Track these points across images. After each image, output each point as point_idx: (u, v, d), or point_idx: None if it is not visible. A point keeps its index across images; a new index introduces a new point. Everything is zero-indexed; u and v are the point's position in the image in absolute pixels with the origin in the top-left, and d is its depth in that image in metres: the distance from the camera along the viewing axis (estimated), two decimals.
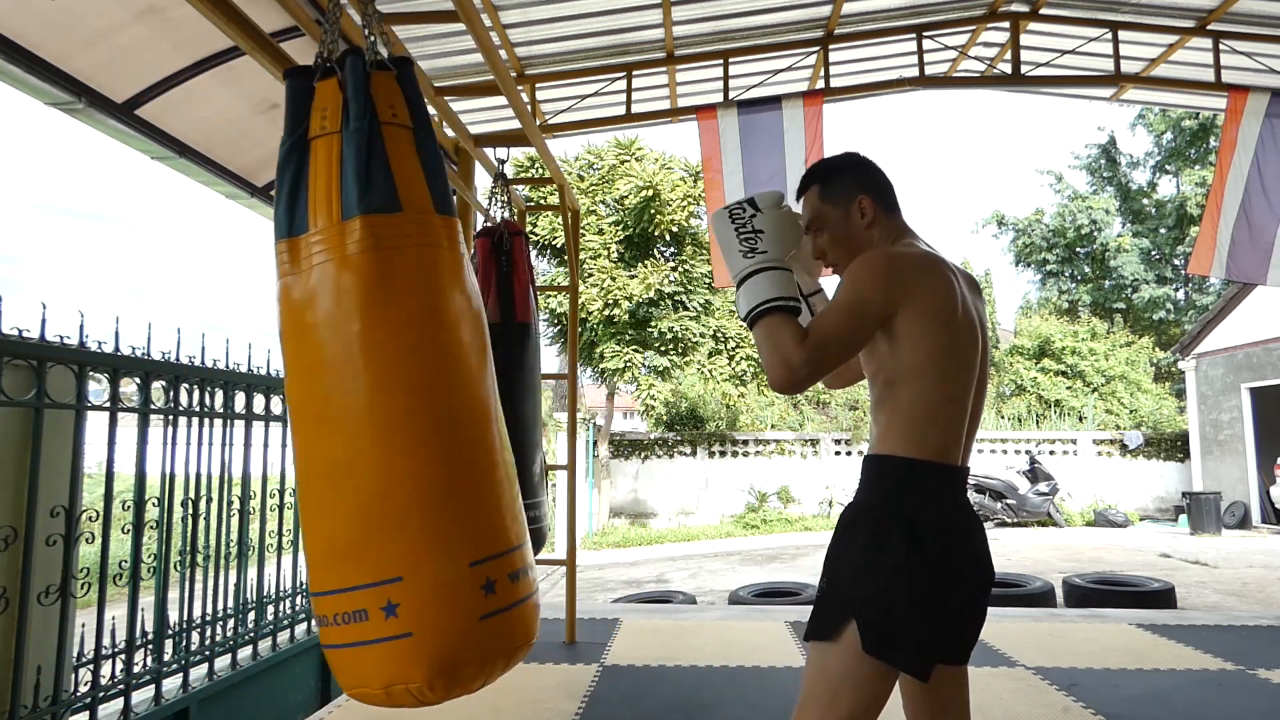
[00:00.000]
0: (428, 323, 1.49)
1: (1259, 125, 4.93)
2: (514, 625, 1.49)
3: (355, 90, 1.56)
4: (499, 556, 1.49)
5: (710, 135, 5.00)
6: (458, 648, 1.41)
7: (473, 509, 1.49)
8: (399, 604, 1.38)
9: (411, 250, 1.51)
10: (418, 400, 1.47)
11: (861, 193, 1.57)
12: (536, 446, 3.06)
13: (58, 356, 2.23)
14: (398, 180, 1.52)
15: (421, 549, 1.42)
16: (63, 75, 2.77)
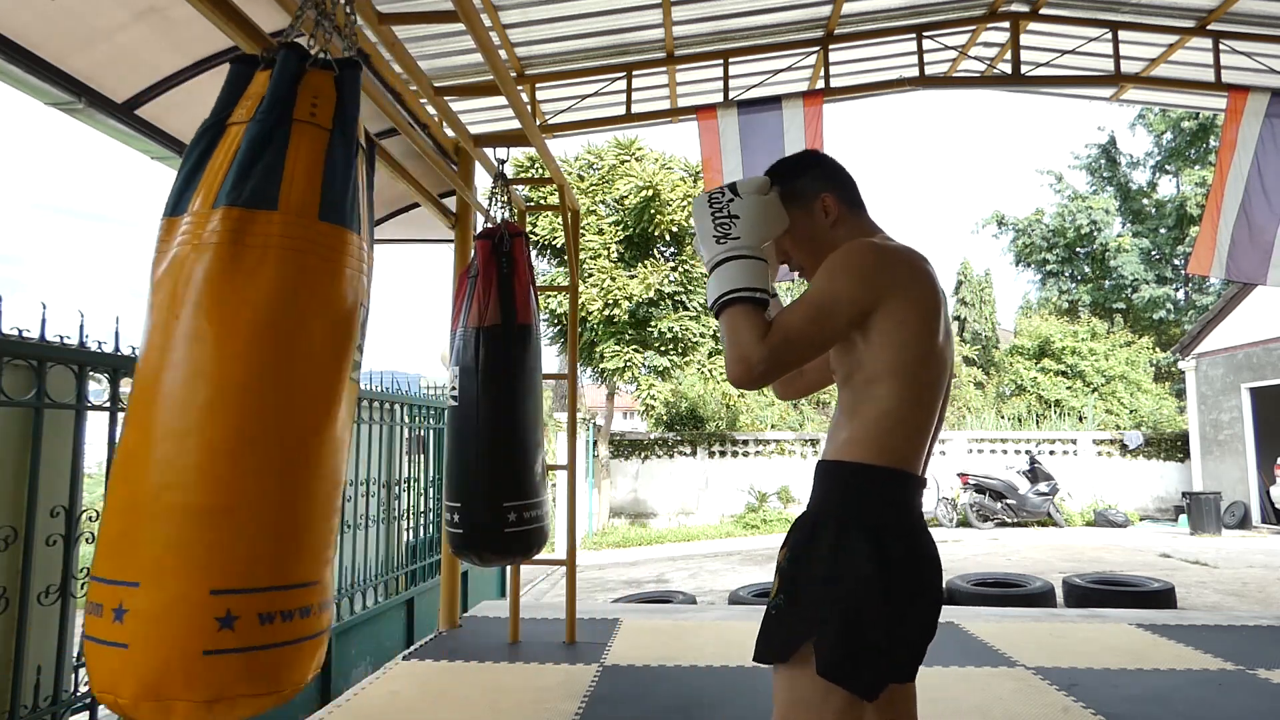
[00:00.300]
0: (263, 332, 1.38)
1: (1259, 125, 4.94)
2: (252, 671, 1.32)
3: (277, 83, 1.51)
4: (253, 592, 1.32)
5: (710, 135, 5.00)
6: (168, 678, 1.26)
7: (240, 533, 1.33)
8: (128, 610, 1.27)
9: (273, 251, 1.40)
10: (221, 408, 1.34)
11: (824, 191, 1.50)
12: (538, 446, 3.06)
13: (58, 356, 2.23)
14: (285, 179, 1.43)
15: (167, 559, 1.29)
16: (63, 75, 2.77)
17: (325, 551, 1.47)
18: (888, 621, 1.28)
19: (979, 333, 20.66)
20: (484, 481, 2.88)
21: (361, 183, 1.57)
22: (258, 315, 1.37)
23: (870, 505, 1.34)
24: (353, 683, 3.70)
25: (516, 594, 4.06)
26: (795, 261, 1.55)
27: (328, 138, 1.50)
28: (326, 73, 1.56)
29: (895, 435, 1.35)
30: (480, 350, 2.92)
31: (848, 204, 1.51)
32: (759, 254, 1.41)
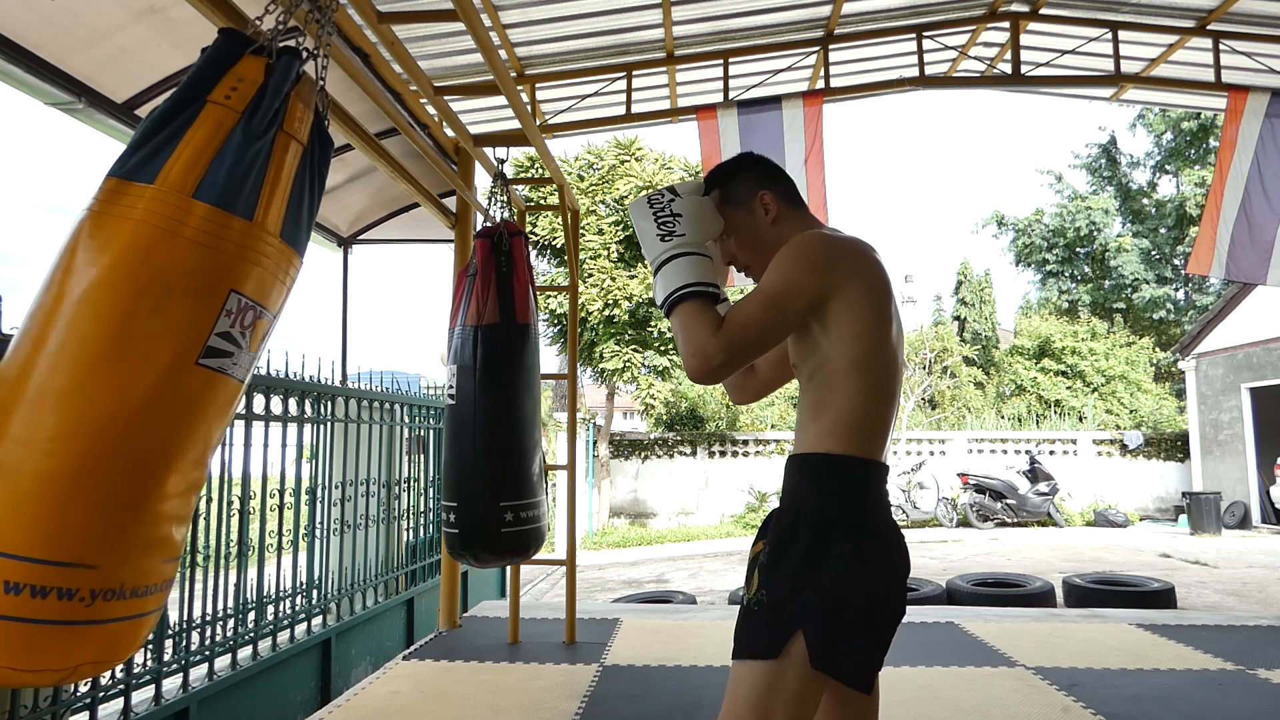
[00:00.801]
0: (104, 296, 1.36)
1: (1259, 125, 4.93)
2: (24, 640, 1.30)
3: (202, 62, 1.51)
4: (10, 558, 1.29)
5: (710, 135, 5.00)
6: None
7: (25, 494, 1.30)
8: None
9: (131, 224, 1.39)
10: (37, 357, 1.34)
11: (761, 189, 1.52)
12: (535, 446, 3.05)
13: None
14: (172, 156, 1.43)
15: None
16: (63, 75, 2.77)
17: (112, 536, 1.37)
18: (866, 619, 1.30)
19: (979, 333, 20.66)
20: (481, 481, 2.88)
21: (281, 175, 1.53)
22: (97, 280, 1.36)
23: (848, 497, 1.35)
24: (353, 683, 3.70)
25: (516, 594, 4.06)
26: (741, 262, 1.57)
27: (235, 120, 1.48)
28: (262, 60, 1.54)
29: (864, 426, 1.35)
30: (478, 349, 2.91)
31: (786, 201, 1.53)
32: (705, 251, 1.43)
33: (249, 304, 1.49)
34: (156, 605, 1.49)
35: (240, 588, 3.11)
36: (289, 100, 1.53)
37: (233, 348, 1.48)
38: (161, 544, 1.44)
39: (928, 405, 16.63)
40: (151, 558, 1.43)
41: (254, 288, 1.49)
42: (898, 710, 2.99)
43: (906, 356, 16.36)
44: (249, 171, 1.47)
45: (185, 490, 1.48)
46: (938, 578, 6.58)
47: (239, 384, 1.53)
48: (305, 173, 1.60)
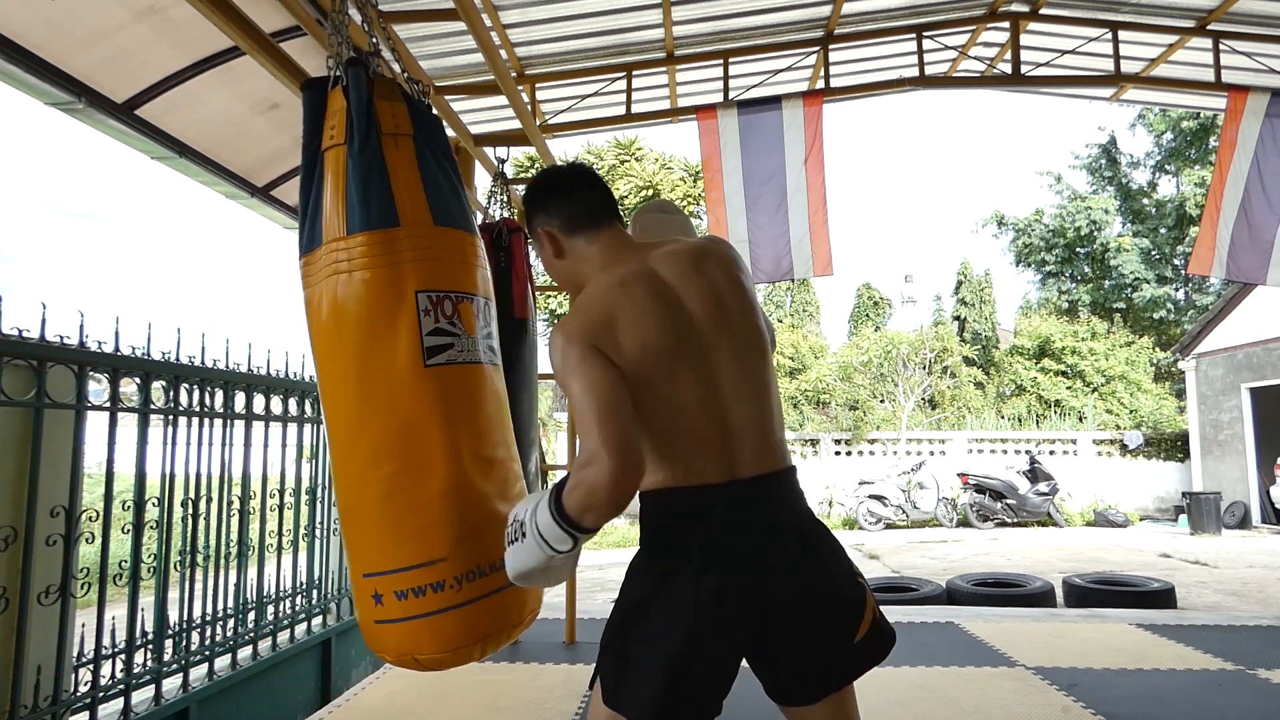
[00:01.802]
0: (356, 345, 1.60)
1: (1259, 125, 4.93)
2: (402, 635, 1.61)
3: (359, 101, 1.59)
4: (384, 574, 1.60)
5: (710, 135, 5.00)
6: (370, 639, 1.66)
7: (360, 526, 1.64)
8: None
9: (407, 266, 1.57)
10: (340, 413, 1.63)
11: (540, 227, 1.48)
12: (532, 445, 3.05)
13: (58, 356, 2.23)
14: (396, 195, 1.58)
15: (349, 552, 1.68)
16: (63, 75, 2.77)
17: (449, 532, 1.60)
18: (654, 658, 1.23)
19: (979, 333, 20.65)
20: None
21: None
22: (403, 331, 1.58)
23: (659, 534, 1.32)
24: (353, 683, 3.70)
25: None
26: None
27: (411, 143, 1.63)
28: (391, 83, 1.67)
29: (668, 454, 1.29)
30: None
31: (566, 231, 1.46)
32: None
33: (442, 295, 1.60)
34: None
35: (240, 588, 3.10)
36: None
37: (449, 338, 1.61)
38: (489, 523, 1.62)
39: (928, 405, 16.63)
40: (488, 535, 1.60)
41: (437, 280, 1.60)
42: (898, 710, 2.99)
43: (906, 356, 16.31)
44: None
45: (493, 471, 1.67)
46: (938, 578, 6.58)
47: (480, 365, 1.68)
48: (427, 157, 1.67)
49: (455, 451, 1.61)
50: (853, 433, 14.45)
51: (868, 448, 14.49)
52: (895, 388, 15.72)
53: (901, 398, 15.33)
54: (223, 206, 13.71)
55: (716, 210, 5.11)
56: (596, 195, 1.48)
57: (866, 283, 22.61)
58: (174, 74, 3.08)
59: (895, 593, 5.67)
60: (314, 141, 1.63)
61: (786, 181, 5.02)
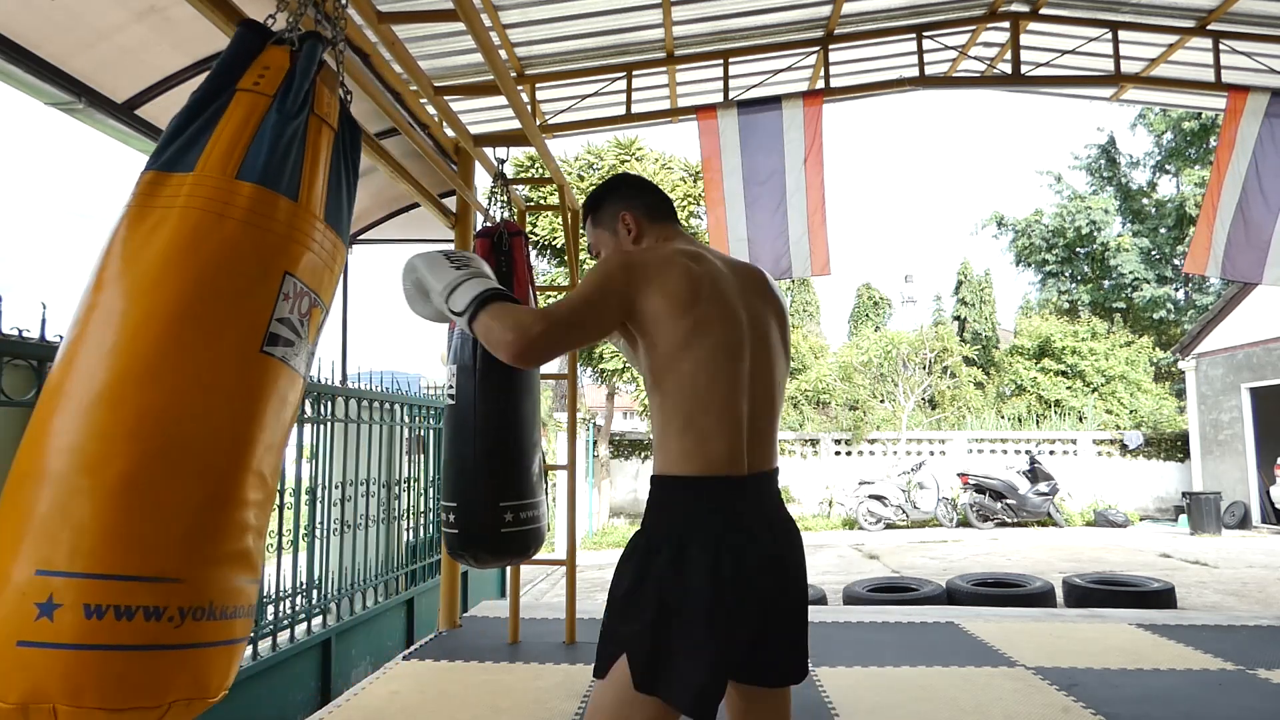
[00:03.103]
0: (142, 292, 1.29)
1: (1258, 125, 4.94)
2: (79, 672, 1.12)
3: (227, 54, 1.49)
4: (90, 577, 1.13)
5: (710, 135, 5.00)
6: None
7: (92, 505, 1.16)
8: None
9: (176, 211, 1.34)
10: (96, 367, 1.24)
11: (623, 210, 1.61)
12: (535, 446, 3.05)
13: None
14: (209, 143, 1.41)
15: (9, 531, 1.17)
16: (63, 75, 2.77)
17: (204, 546, 1.26)
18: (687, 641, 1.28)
19: (979, 333, 20.66)
20: (481, 481, 2.88)
21: (317, 156, 1.51)
22: (145, 273, 1.29)
23: (679, 521, 1.35)
24: (353, 683, 3.70)
25: (516, 594, 4.06)
26: None
27: (267, 104, 1.45)
28: (285, 48, 1.53)
29: (689, 438, 1.35)
30: (478, 349, 2.91)
31: (648, 218, 1.61)
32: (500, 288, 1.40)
33: (304, 289, 1.43)
34: (244, 632, 1.35)
35: None
36: (316, 84, 1.51)
37: (294, 336, 1.41)
38: (243, 558, 1.32)
39: (928, 405, 16.63)
40: (236, 573, 1.30)
41: (306, 273, 1.44)
42: (898, 710, 2.99)
43: (906, 356, 16.32)
44: (288, 152, 1.43)
45: (260, 499, 1.37)
46: (938, 578, 6.58)
47: (301, 379, 1.46)
48: (340, 158, 1.58)
49: (244, 460, 1.32)
50: (853, 433, 14.45)
51: (868, 448, 14.49)
52: (895, 388, 15.72)
53: (901, 398, 15.33)
54: None
55: (716, 210, 5.12)
56: (665, 197, 1.66)
57: (866, 283, 22.62)
58: (174, 74, 3.08)
59: (895, 593, 5.67)
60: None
61: (786, 181, 5.02)
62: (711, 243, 5.19)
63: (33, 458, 1.21)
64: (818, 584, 6.60)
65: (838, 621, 4.41)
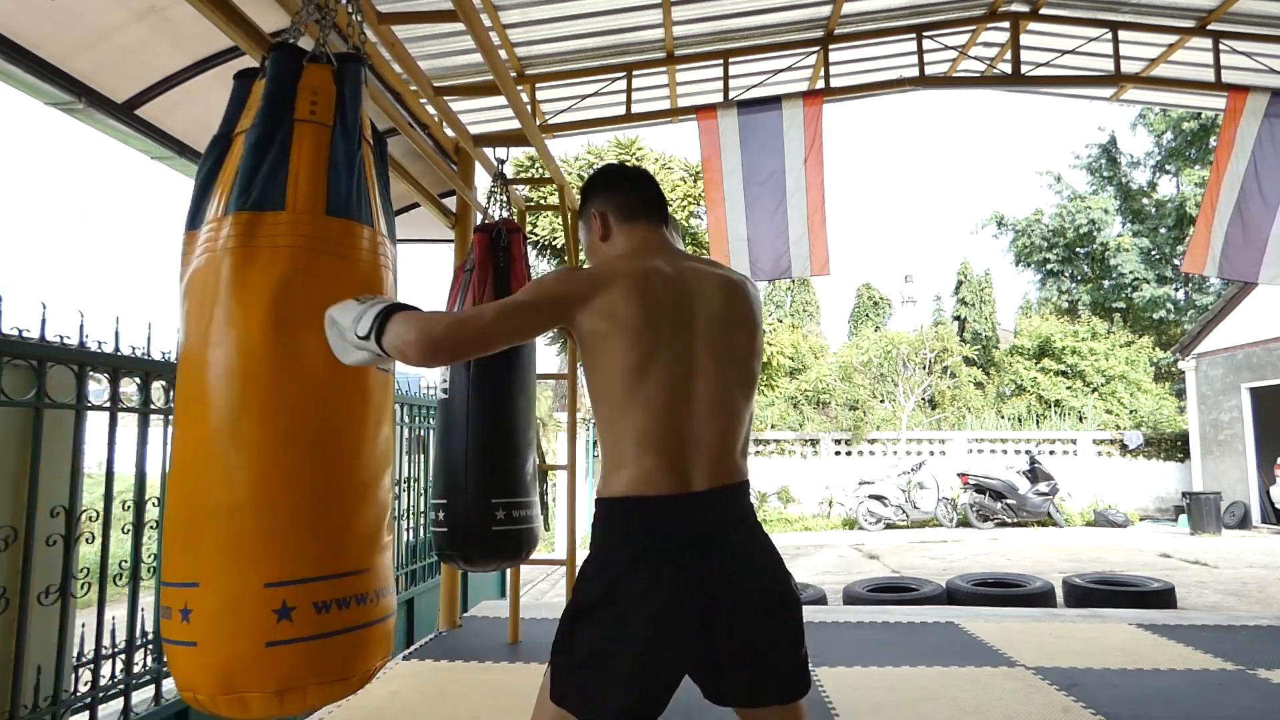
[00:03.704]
0: (275, 327, 1.42)
1: (1258, 125, 4.94)
2: (314, 659, 1.37)
3: (271, 83, 1.53)
4: (304, 582, 1.38)
5: (710, 135, 5.00)
6: (236, 670, 1.33)
7: (286, 526, 1.38)
8: (193, 610, 1.35)
9: (284, 250, 1.44)
10: (241, 402, 1.40)
11: (597, 207, 1.58)
12: (530, 446, 3.05)
13: (58, 356, 2.23)
14: (290, 179, 1.47)
15: (217, 558, 1.36)
16: (63, 75, 2.77)
17: (373, 540, 1.51)
18: (595, 661, 1.30)
19: (979, 333, 20.65)
20: (472, 477, 2.86)
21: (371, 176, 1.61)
22: (272, 312, 1.43)
23: (598, 537, 1.37)
24: None
25: (516, 594, 4.06)
26: None
27: (329, 134, 1.54)
28: (323, 67, 1.58)
29: (617, 460, 1.36)
30: None
31: (621, 217, 1.56)
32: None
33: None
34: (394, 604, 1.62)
35: None
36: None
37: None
38: (389, 545, 1.57)
39: (928, 405, 16.63)
40: (388, 557, 1.57)
41: (386, 288, 1.60)
42: (898, 710, 2.99)
43: (906, 356, 16.31)
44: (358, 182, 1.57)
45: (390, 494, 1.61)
46: (938, 578, 6.58)
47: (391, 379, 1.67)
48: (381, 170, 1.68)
49: (385, 463, 1.55)
50: (853, 433, 14.44)
51: (868, 448, 14.49)
52: (895, 388, 15.72)
53: (901, 398, 15.33)
54: None
55: (716, 210, 5.12)
56: (651, 195, 1.59)
57: (866, 283, 22.61)
58: (174, 74, 3.08)
59: (895, 593, 5.67)
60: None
61: (786, 181, 5.02)
62: (711, 243, 5.19)
63: (214, 491, 1.39)
64: (818, 584, 6.60)
65: (838, 621, 4.40)
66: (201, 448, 1.40)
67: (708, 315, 1.42)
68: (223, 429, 1.39)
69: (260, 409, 1.40)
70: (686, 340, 1.38)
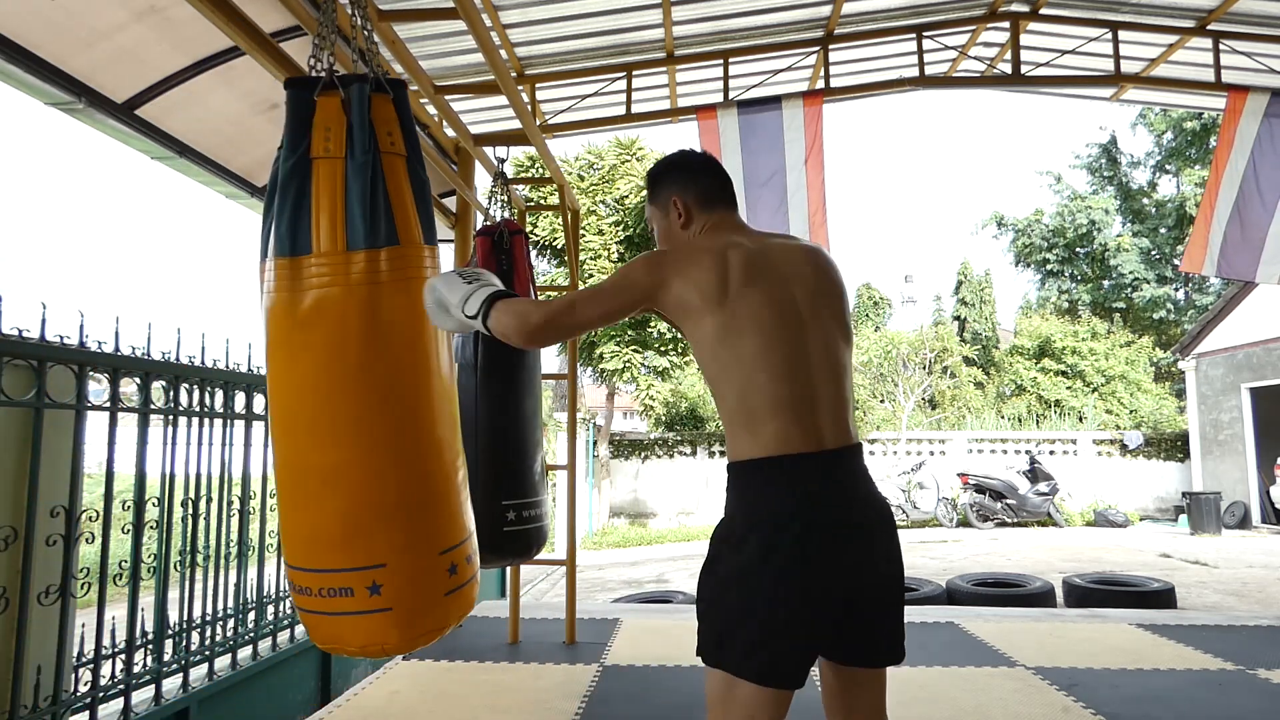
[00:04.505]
0: (414, 349, 1.71)
1: (1257, 125, 4.94)
2: (466, 598, 1.82)
3: (361, 118, 1.65)
4: (458, 545, 1.77)
5: (710, 135, 5.00)
6: (427, 618, 1.72)
7: (441, 507, 1.76)
8: (383, 585, 1.64)
9: (403, 283, 1.66)
10: (402, 417, 1.69)
11: (675, 193, 1.63)
12: (537, 446, 3.05)
13: (58, 356, 2.23)
14: (397, 216, 1.67)
15: (402, 541, 1.68)
16: (63, 75, 2.77)
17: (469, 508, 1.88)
18: (745, 614, 1.33)
19: (979, 333, 20.66)
20: (482, 479, 2.87)
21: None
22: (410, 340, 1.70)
23: (744, 502, 1.40)
24: (353, 683, 3.70)
25: (516, 594, 4.06)
26: None
27: (406, 163, 1.71)
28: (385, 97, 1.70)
29: (747, 424, 1.39)
30: (479, 347, 2.91)
31: (700, 204, 1.62)
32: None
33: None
34: None
35: (240, 588, 3.10)
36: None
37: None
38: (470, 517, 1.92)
39: (928, 405, 16.63)
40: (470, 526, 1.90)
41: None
42: (898, 710, 2.98)
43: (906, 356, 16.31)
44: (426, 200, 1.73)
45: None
46: (938, 578, 6.58)
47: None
48: (416, 178, 1.76)
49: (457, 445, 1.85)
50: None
51: (868, 448, 14.48)
52: (895, 388, 15.72)
53: (901, 398, 15.33)
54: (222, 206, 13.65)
55: None
56: (725, 181, 1.67)
57: (866, 283, 22.62)
58: (174, 74, 3.07)
59: None
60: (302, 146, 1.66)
61: (787, 181, 5.02)
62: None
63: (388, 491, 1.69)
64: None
65: None
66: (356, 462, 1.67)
67: (801, 280, 1.48)
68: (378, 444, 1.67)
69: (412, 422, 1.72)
70: (789, 304, 1.44)
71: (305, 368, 1.65)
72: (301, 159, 1.66)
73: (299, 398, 1.67)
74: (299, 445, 1.69)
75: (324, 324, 1.63)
